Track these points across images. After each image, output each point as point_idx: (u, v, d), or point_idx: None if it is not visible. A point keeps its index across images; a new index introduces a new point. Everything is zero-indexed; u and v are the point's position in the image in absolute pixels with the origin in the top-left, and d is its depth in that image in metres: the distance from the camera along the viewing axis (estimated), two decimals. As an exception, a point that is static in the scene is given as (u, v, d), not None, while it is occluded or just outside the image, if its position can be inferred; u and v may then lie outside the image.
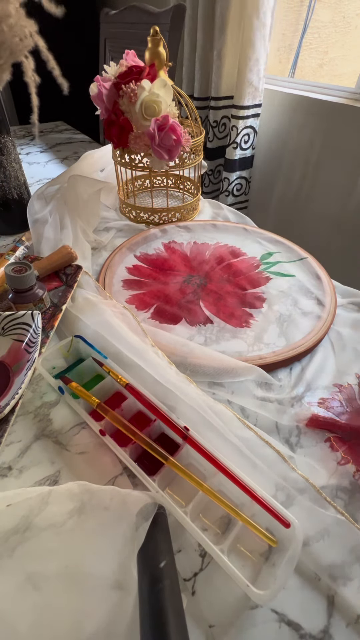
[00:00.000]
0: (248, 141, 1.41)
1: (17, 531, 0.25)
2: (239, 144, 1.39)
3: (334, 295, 0.51)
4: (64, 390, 0.36)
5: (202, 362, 0.40)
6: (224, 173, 1.49)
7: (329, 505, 0.30)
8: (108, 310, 0.44)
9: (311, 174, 1.35)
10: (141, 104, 0.53)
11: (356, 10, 1.17)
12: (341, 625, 0.25)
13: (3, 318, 0.40)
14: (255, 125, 1.39)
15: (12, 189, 0.61)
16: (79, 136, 1.19)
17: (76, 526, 0.26)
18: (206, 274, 0.56)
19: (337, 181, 1.27)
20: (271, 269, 0.57)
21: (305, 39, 1.31)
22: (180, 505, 0.29)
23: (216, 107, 1.38)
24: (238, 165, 1.45)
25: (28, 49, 0.34)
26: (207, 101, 1.43)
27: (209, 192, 1.59)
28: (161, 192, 0.78)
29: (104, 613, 0.23)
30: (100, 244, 0.62)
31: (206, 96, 1.42)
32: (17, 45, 0.33)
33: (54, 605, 0.24)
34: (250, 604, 0.25)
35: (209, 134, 1.43)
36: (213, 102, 1.37)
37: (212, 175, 1.55)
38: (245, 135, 1.38)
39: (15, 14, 0.31)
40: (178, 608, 0.22)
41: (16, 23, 0.32)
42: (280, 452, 0.32)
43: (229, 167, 1.45)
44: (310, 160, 1.33)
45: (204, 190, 1.58)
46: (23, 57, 0.34)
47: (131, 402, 0.36)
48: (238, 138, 1.38)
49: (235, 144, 1.39)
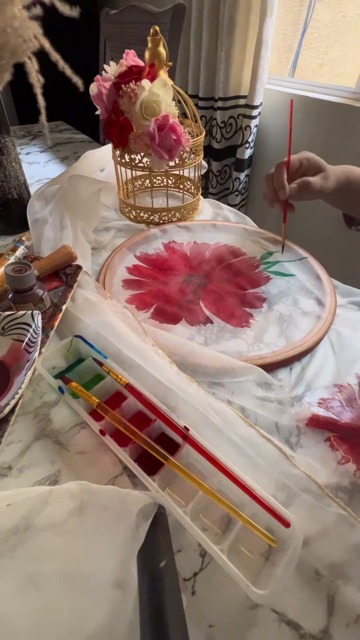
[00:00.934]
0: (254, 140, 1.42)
1: (17, 531, 0.25)
2: (250, 143, 1.40)
3: (334, 295, 0.51)
4: (64, 390, 0.36)
5: (202, 362, 0.40)
6: (235, 173, 1.48)
7: (330, 503, 0.30)
8: (108, 310, 0.44)
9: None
10: (141, 104, 0.53)
11: (356, 10, 1.17)
12: (341, 625, 0.25)
13: (3, 318, 0.40)
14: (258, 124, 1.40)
15: (12, 189, 0.61)
16: (79, 136, 1.19)
17: (76, 526, 0.26)
18: (206, 274, 0.56)
19: (337, 181, 1.27)
20: (271, 269, 0.57)
21: (305, 39, 1.31)
22: (180, 505, 0.29)
23: (224, 108, 1.38)
24: (246, 164, 1.45)
25: (31, 51, 0.34)
26: (212, 101, 1.43)
27: (215, 192, 1.57)
28: (161, 192, 0.78)
29: (104, 613, 0.23)
30: (100, 244, 0.62)
31: (211, 96, 1.42)
32: (20, 46, 0.33)
33: (54, 605, 0.24)
34: (250, 603, 0.25)
35: (217, 134, 1.43)
36: (221, 102, 1.36)
37: (220, 176, 1.54)
38: (253, 134, 1.39)
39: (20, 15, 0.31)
40: (178, 608, 0.22)
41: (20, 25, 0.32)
42: (281, 449, 0.32)
43: (239, 166, 1.45)
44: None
45: (211, 191, 1.57)
46: (26, 58, 0.34)
47: (131, 402, 0.36)
48: (250, 137, 1.38)
49: (248, 143, 1.39)
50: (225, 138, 1.44)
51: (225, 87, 1.34)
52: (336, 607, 0.26)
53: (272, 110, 1.38)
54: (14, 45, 0.32)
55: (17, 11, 0.31)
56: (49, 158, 1.00)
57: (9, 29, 0.31)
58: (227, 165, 1.53)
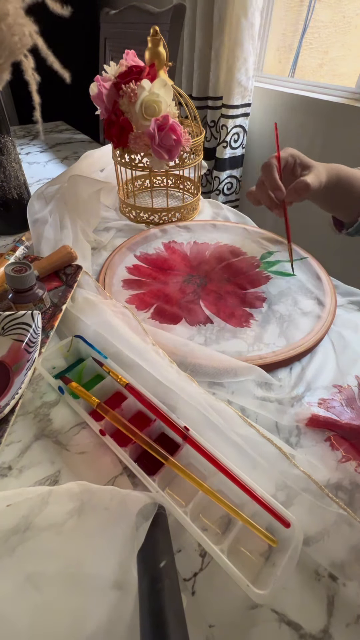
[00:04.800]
0: (238, 140, 1.42)
1: (17, 531, 0.25)
2: (229, 143, 1.40)
3: (334, 295, 0.51)
4: (64, 390, 0.36)
5: (202, 362, 0.40)
6: (215, 172, 1.49)
7: (330, 503, 0.29)
8: (108, 310, 0.44)
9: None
10: (141, 104, 0.53)
11: (356, 10, 1.17)
12: (341, 625, 0.25)
13: (3, 318, 0.40)
14: (244, 124, 1.40)
15: (12, 189, 0.61)
16: (79, 136, 1.19)
17: (76, 526, 0.26)
18: (206, 274, 0.56)
19: (337, 181, 1.27)
20: (271, 269, 0.57)
21: (305, 39, 1.31)
22: (180, 505, 0.29)
23: (213, 107, 1.39)
24: (228, 164, 1.46)
25: (27, 48, 0.34)
26: (205, 101, 1.44)
27: (205, 192, 1.59)
28: (161, 192, 0.78)
29: (104, 613, 0.23)
30: (100, 244, 0.62)
31: (204, 96, 1.43)
32: (16, 44, 0.33)
33: (54, 605, 0.24)
34: (250, 604, 0.25)
35: (207, 133, 1.44)
36: (211, 102, 1.38)
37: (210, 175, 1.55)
38: (234, 134, 1.39)
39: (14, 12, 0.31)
40: (178, 608, 0.22)
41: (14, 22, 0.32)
42: (281, 449, 0.32)
43: (219, 166, 1.46)
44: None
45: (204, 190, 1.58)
46: (22, 56, 0.34)
47: (131, 402, 0.36)
48: (228, 137, 1.38)
49: (225, 142, 1.40)
50: (215, 137, 1.46)
51: (215, 87, 1.35)
52: (336, 607, 0.26)
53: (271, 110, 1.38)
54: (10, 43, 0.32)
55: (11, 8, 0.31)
56: (49, 158, 1.00)
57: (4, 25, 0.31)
58: None
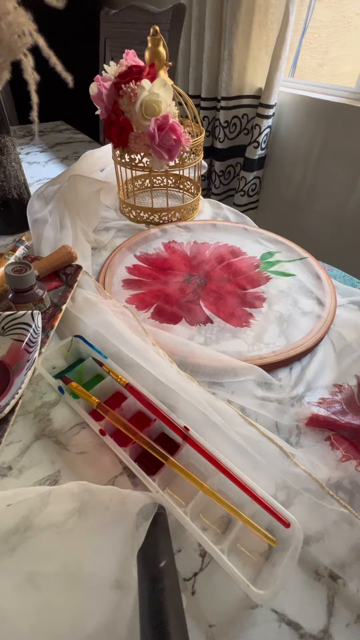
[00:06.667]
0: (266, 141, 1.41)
1: (17, 531, 0.25)
2: (260, 143, 1.38)
3: (334, 295, 0.51)
4: (64, 390, 0.36)
5: (202, 362, 0.40)
6: (242, 172, 1.47)
7: (331, 502, 0.29)
8: (108, 310, 0.44)
9: (311, 173, 1.35)
10: (141, 104, 0.53)
11: (356, 10, 1.17)
12: (341, 625, 0.25)
13: (3, 318, 0.40)
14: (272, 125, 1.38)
15: (12, 189, 0.61)
16: (79, 136, 1.19)
17: (76, 526, 0.26)
18: (206, 274, 0.56)
19: (337, 181, 1.27)
20: (271, 269, 0.57)
21: (305, 39, 1.31)
22: (180, 505, 0.29)
23: (227, 107, 1.37)
24: (256, 164, 1.44)
25: (27, 47, 0.34)
26: (215, 102, 1.42)
27: (219, 193, 1.56)
28: (161, 192, 0.78)
29: (104, 613, 0.23)
30: (100, 244, 0.62)
31: (214, 97, 1.41)
32: (16, 43, 0.33)
33: (54, 605, 0.24)
34: (250, 603, 0.25)
35: (219, 134, 1.42)
36: (223, 102, 1.36)
37: (223, 176, 1.53)
38: (265, 135, 1.38)
39: (13, 11, 0.31)
40: (178, 608, 0.22)
41: (14, 20, 0.31)
42: (282, 447, 0.32)
43: (247, 166, 1.44)
44: (310, 159, 1.33)
45: (214, 191, 1.56)
46: (22, 55, 0.34)
47: (131, 402, 0.36)
48: (260, 137, 1.37)
49: (257, 143, 1.38)
50: (228, 138, 1.44)
51: (228, 87, 1.33)
52: (336, 607, 0.26)
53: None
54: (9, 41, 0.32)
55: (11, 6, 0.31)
56: (49, 158, 1.00)
57: (4, 24, 0.31)
58: (231, 166, 1.52)
